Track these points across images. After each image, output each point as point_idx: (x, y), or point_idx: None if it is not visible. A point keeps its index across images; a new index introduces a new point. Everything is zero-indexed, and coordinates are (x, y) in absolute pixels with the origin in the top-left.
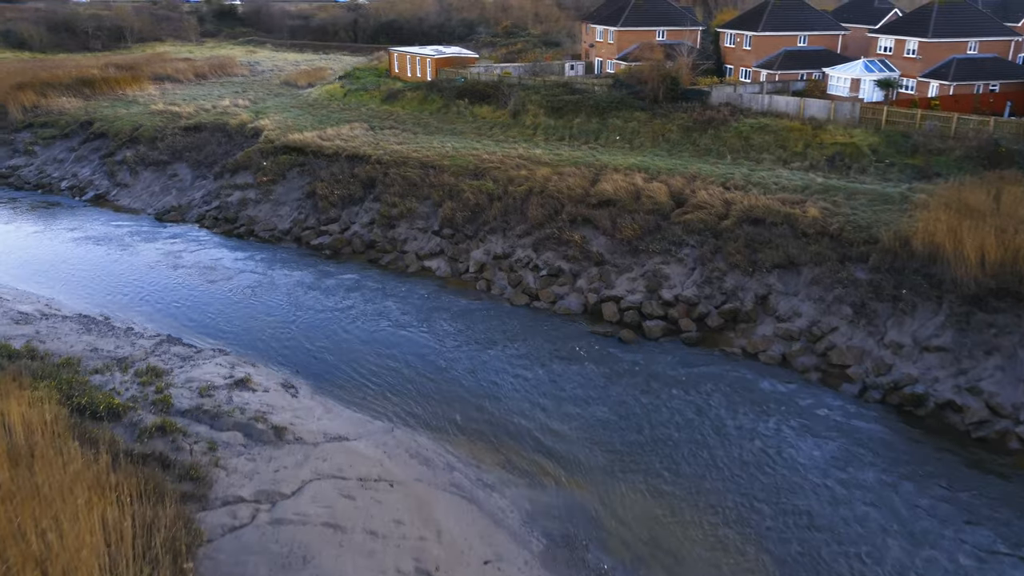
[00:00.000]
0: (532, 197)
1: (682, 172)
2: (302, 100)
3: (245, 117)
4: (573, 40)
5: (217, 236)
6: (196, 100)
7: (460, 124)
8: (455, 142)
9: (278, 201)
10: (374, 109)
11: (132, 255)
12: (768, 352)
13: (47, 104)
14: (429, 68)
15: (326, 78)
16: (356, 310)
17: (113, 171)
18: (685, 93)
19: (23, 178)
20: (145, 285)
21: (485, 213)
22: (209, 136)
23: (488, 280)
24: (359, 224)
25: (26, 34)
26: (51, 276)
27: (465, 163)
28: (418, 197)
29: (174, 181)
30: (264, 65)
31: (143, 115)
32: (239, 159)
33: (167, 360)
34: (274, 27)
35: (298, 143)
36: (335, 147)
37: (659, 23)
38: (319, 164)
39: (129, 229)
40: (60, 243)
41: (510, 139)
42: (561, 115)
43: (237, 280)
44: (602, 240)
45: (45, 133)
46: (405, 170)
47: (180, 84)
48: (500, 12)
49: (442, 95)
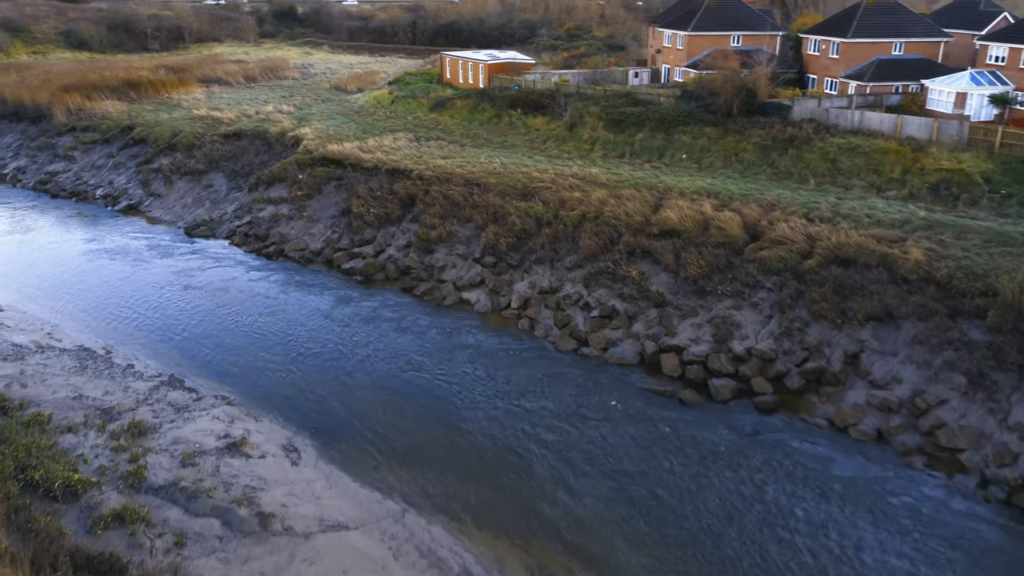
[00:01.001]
0: (585, 224)
1: (758, 199)
2: (348, 107)
3: (286, 125)
4: (639, 44)
5: (246, 255)
6: (240, 105)
7: (511, 136)
8: (504, 157)
9: (312, 218)
10: (421, 118)
11: (152, 274)
12: (860, 426)
13: (91, 107)
14: (482, 74)
15: (376, 83)
16: (380, 349)
17: (147, 180)
18: (763, 107)
19: (60, 185)
20: (160, 310)
21: (532, 240)
22: (248, 144)
23: (532, 319)
24: (395, 247)
25: (86, 34)
26: (65, 296)
27: (513, 181)
28: (460, 219)
29: (208, 192)
30: (317, 68)
31: (184, 121)
32: (274, 171)
33: (159, 411)
34: (333, 28)
35: (336, 155)
36: (375, 160)
37: (734, 27)
38: (357, 178)
39: (155, 244)
40: (82, 258)
41: (564, 155)
42: (622, 129)
43: (257, 307)
44: (663, 277)
45: (86, 138)
46: (448, 188)
47: (229, 87)
48: (564, 13)
49: (493, 104)
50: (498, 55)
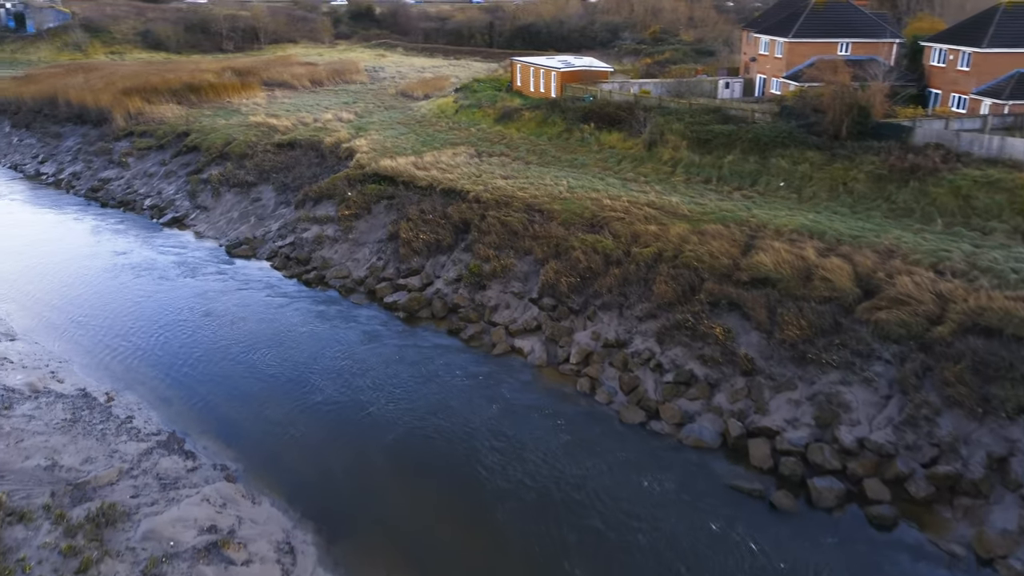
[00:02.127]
0: (661, 265)
1: (872, 243)
2: (410, 115)
3: (343, 135)
4: (730, 49)
5: (284, 280)
6: (299, 111)
7: (582, 154)
8: (572, 178)
9: (357, 241)
10: (485, 130)
11: (183, 299)
12: (1010, 560)
13: (150, 111)
14: (553, 83)
15: (444, 89)
16: (412, 406)
17: (195, 191)
18: (877, 128)
19: (111, 193)
20: (181, 343)
21: (598, 281)
22: (300, 155)
23: (593, 378)
24: (443, 280)
25: (163, 35)
26: (86, 322)
27: (580, 209)
28: (517, 251)
29: (255, 207)
30: (387, 71)
31: (239, 128)
32: (323, 186)
33: (141, 487)
34: (410, 29)
35: (389, 171)
36: (430, 178)
37: (843, 34)
38: (409, 198)
39: (193, 264)
40: (114, 277)
41: (641, 178)
42: (708, 150)
43: (285, 344)
44: (754, 337)
45: (141, 143)
46: (506, 213)
47: (293, 92)
48: (649, 15)
49: (564, 117)
50: (572, 62)
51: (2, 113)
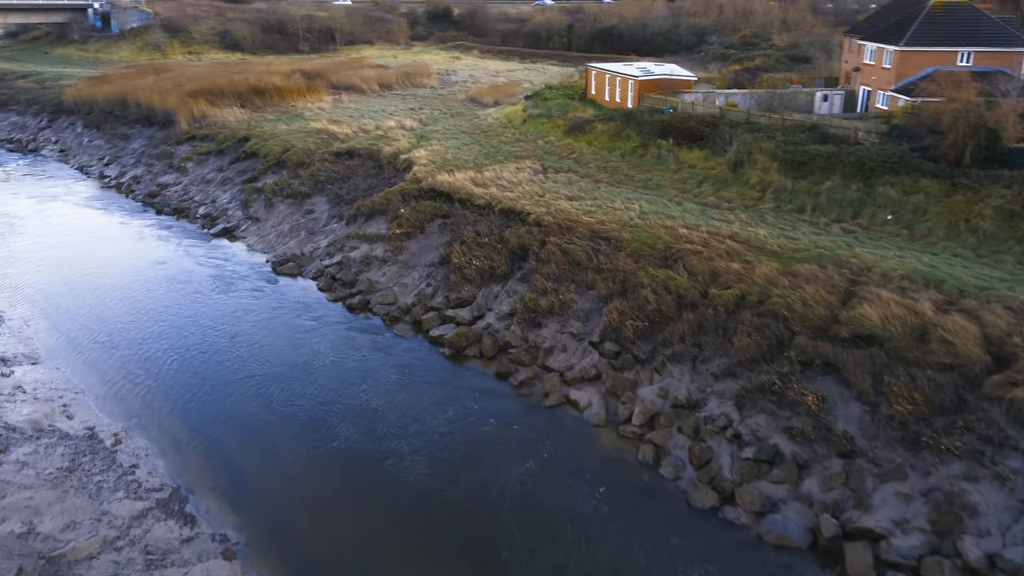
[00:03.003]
0: (744, 312)
1: (1005, 297)
2: (476, 124)
3: (403, 144)
4: (828, 55)
5: (327, 304)
6: (362, 118)
7: (658, 174)
8: (645, 202)
9: (407, 264)
10: (553, 143)
11: (214, 322)
12: None
13: (214, 115)
14: (630, 92)
15: (516, 95)
16: (440, 464)
17: (248, 201)
18: (1009, 154)
19: (166, 199)
20: (204, 375)
21: (669, 327)
22: (358, 166)
23: (658, 446)
24: (495, 314)
25: (240, 35)
26: (108, 347)
27: (652, 239)
28: (579, 284)
29: (307, 220)
30: (459, 75)
31: (299, 134)
32: (376, 201)
33: (124, 564)
34: (488, 31)
35: (446, 186)
36: (488, 196)
37: (965, 42)
38: (465, 218)
39: (234, 281)
40: (149, 294)
41: (724, 204)
42: (803, 173)
43: (317, 382)
44: (854, 410)
45: (202, 148)
46: (569, 240)
47: (360, 96)
48: (739, 18)
49: (640, 131)
50: (652, 69)
51: (75, 113)
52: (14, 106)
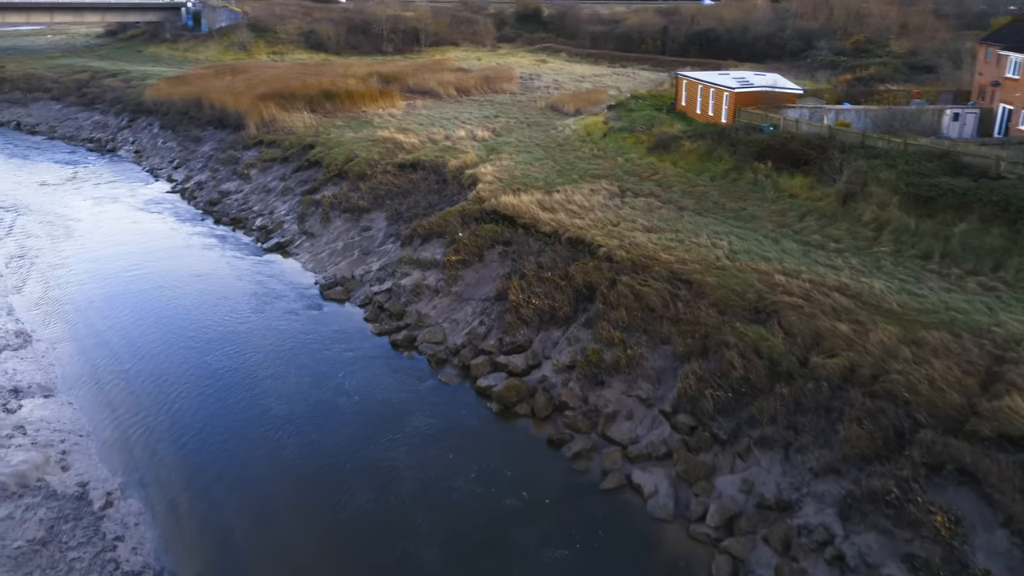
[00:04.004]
0: (853, 390)
1: None
2: (552, 136)
3: (470, 157)
4: (955, 64)
5: (371, 336)
6: (432, 126)
7: (752, 203)
8: (736, 237)
9: (461, 296)
10: (634, 161)
11: (245, 355)
12: None
13: (282, 119)
14: (725, 106)
15: (600, 104)
16: (461, 559)
17: (304, 214)
18: None
19: (226, 208)
20: (219, 422)
21: (758, 401)
22: (421, 180)
23: (736, 558)
24: (553, 365)
25: (324, 35)
26: (126, 378)
27: (742, 285)
28: (652, 336)
29: (362, 238)
30: (542, 80)
31: (364, 142)
32: (434, 221)
33: None
34: (577, 32)
35: (510, 209)
36: (555, 223)
37: None
38: (528, 246)
39: (274, 305)
40: (182, 317)
41: (830, 244)
42: (931, 212)
43: (336, 434)
44: (1000, 540)
45: (267, 154)
46: (644, 281)
47: (436, 101)
48: (852, 22)
49: (734, 151)
50: (751, 80)
51: (154, 113)
52: (99, 105)
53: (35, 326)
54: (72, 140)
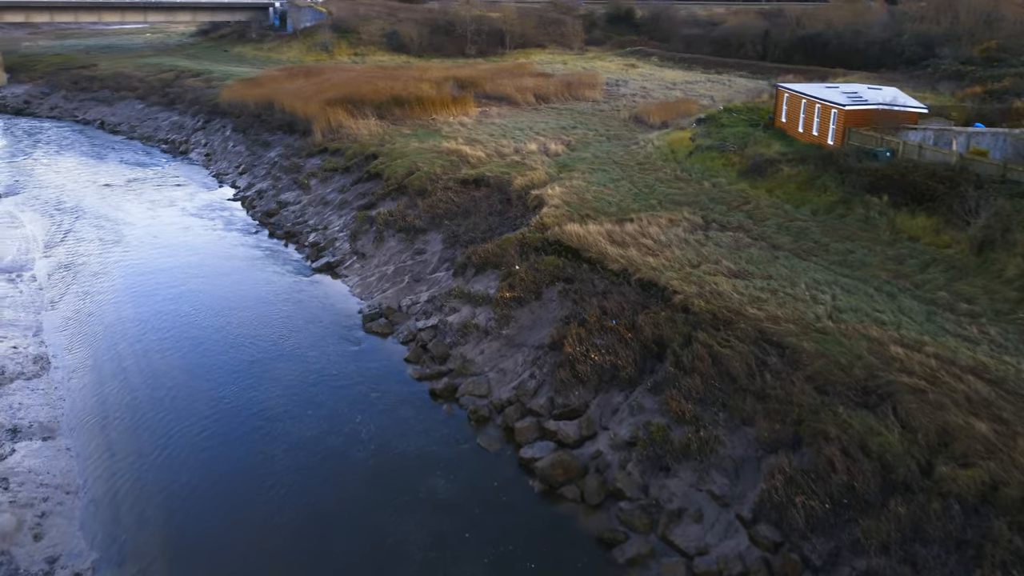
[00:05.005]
0: (996, 519)
1: None
2: (633, 153)
3: (539, 175)
4: None
5: (411, 381)
6: (503, 137)
7: (862, 246)
8: (841, 289)
9: (512, 340)
10: (723, 187)
11: (266, 394)
12: None
13: (349, 126)
14: (832, 125)
15: (690, 115)
16: None
17: (357, 232)
18: None
19: (281, 220)
20: (220, 475)
21: (866, 519)
22: (483, 199)
23: None
24: (610, 439)
25: (406, 37)
26: (132, 423)
27: (848, 356)
28: (732, 413)
29: (415, 262)
30: (629, 87)
31: (428, 154)
32: (490, 249)
33: None
34: (671, 35)
35: (574, 240)
36: (625, 260)
37: None
38: (592, 286)
39: (311, 335)
40: (212, 348)
41: (962, 306)
42: None
43: (348, 511)
44: None
45: (329, 164)
46: (725, 340)
47: (512, 108)
48: (981, 26)
49: (842, 180)
50: (864, 94)
51: (227, 116)
52: (179, 105)
53: (58, 349)
54: (149, 141)
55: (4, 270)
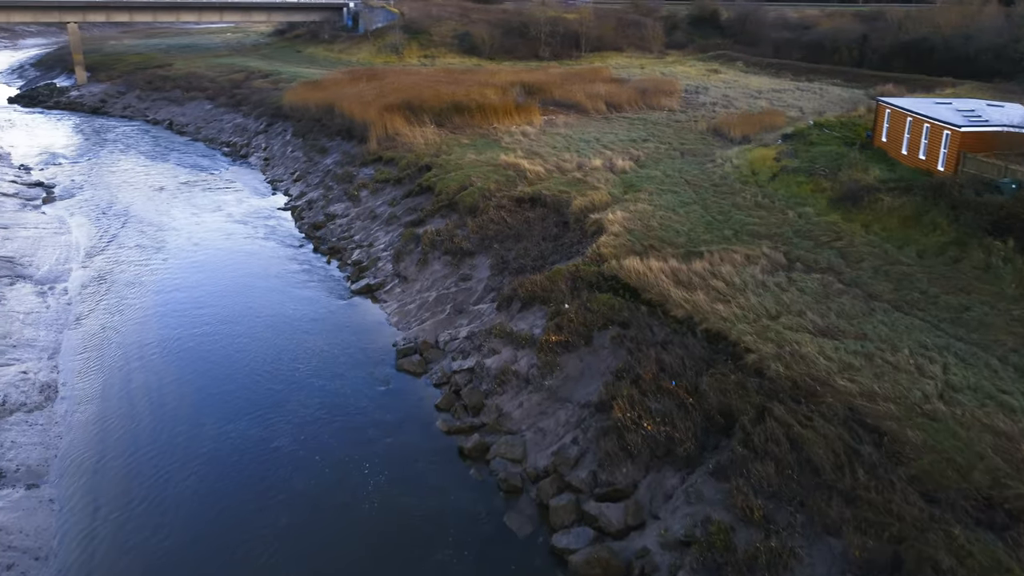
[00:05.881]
0: None
1: None
2: (707, 172)
3: (600, 196)
4: None
5: (438, 433)
6: (566, 150)
7: (981, 301)
8: (956, 358)
9: (555, 393)
10: (810, 218)
11: (275, 437)
12: None
13: (405, 134)
14: (944, 148)
15: (775, 129)
16: None
17: (401, 252)
18: None
19: (327, 235)
20: (197, 545)
21: None
22: (538, 220)
23: None
24: (659, 535)
25: (477, 39)
26: (128, 466)
27: (966, 453)
28: (812, 518)
29: (459, 289)
30: (710, 94)
31: (484, 167)
32: (538, 282)
33: None
34: (759, 39)
35: (633, 278)
36: (690, 306)
37: None
38: (651, 335)
39: (336, 371)
40: (228, 385)
41: None
42: None
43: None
44: None
45: (381, 174)
46: (807, 417)
47: (580, 117)
48: None
49: (955, 217)
50: (983, 113)
51: (289, 119)
52: (244, 107)
53: (70, 376)
54: (212, 143)
55: (39, 281)
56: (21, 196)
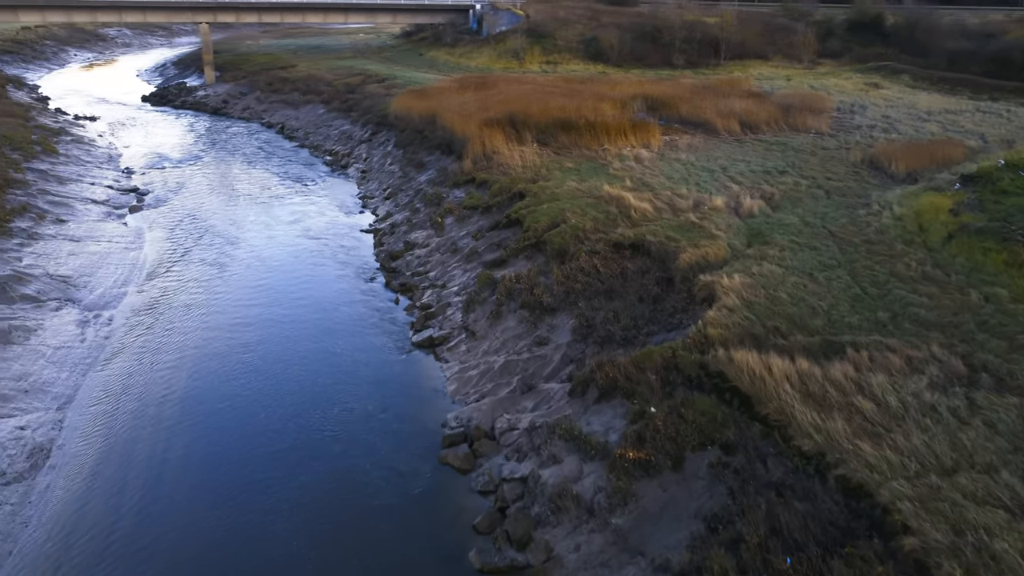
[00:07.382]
0: None
1: None
2: (859, 223)
3: (717, 248)
4: None
5: (470, 568)
6: (684, 182)
7: None
8: None
9: (623, 539)
10: (1003, 303)
11: (273, 544)
12: None
13: (503, 153)
14: None
15: (951, 164)
16: None
17: (473, 300)
18: None
19: (402, 268)
20: None
21: None
22: (636, 275)
23: None
24: None
25: (605, 44)
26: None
27: None
28: None
29: (531, 356)
30: (867, 114)
31: (583, 199)
32: (624, 367)
33: None
34: (930, 49)
35: (745, 381)
36: (823, 437)
37: None
38: (764, 468)
39: (368, 450)
40: (237, 466)
41: None
42: None
43: None
44: None
45: (472, 199)
46: None
47: (707, 138)
48: None
49: None
50: None
51: (393, 129)
52: (354, 113)
53: (70, 436)
54: (315, 151)
55: (86, 307)
56: (111, 203)
